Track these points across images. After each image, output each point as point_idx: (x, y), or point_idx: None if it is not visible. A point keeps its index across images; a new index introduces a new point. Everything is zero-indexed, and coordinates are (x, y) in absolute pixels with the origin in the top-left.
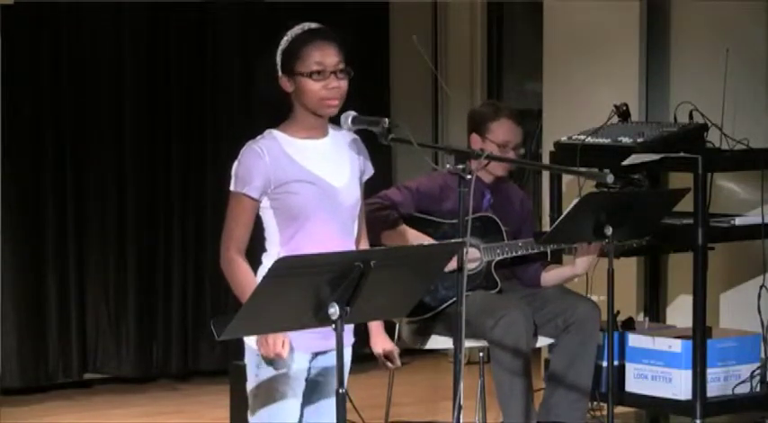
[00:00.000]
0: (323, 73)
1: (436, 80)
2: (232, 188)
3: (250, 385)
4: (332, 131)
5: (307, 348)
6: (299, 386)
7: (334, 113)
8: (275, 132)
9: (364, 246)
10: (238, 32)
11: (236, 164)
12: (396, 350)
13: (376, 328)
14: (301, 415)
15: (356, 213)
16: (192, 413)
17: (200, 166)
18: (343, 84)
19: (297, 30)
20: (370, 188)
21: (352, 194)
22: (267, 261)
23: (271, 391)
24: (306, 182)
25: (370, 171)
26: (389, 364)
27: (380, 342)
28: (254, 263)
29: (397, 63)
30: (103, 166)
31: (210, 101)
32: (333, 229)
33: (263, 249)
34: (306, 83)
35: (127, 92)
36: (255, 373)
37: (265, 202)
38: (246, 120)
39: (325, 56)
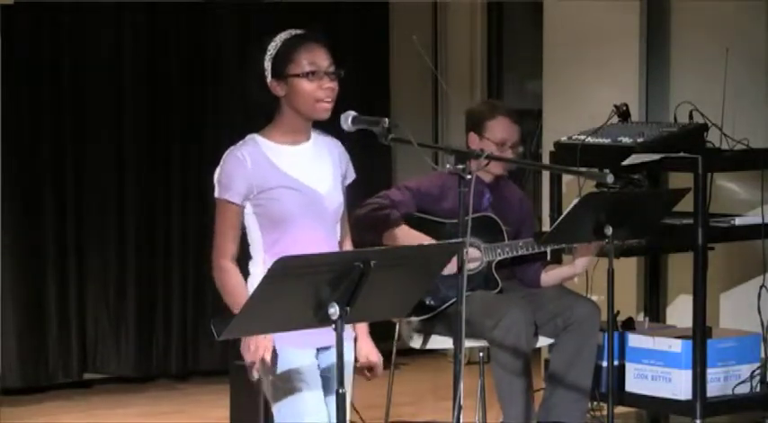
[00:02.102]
0: (317, 73)
1: (436, 80)
2: (216, 195)
3: (266, 387)
4: (314, 135)
5: (309, 344)
6: (315, 379)
7: (327, 117)
8: (257, 137)
9: (348, 247)
10: (238, 32)
11: (218, 170)
12: (380, 363)
13: (362, 333)
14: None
15: (339, 217)
16: (192, 413)
17: (200, 166)
18: (336, 85)
19: (284, 35)
20: (370, 188)
21: (335, 199)
22: (254, 268)
23: (287, 390)
24: (288, 188)
25: (351, 175)
26: (368, 373)
27: (366, 350)
28: (242, 270)
29: (397, 63)
30: (103, 165)
31: (210, 101)
32: (317, 234)
33: (249, 257)
34: (300, 84)
35: (127, 92)
36: (269, 376)
37: (248, 208)
38: (246, 120)
39: (318, 57)
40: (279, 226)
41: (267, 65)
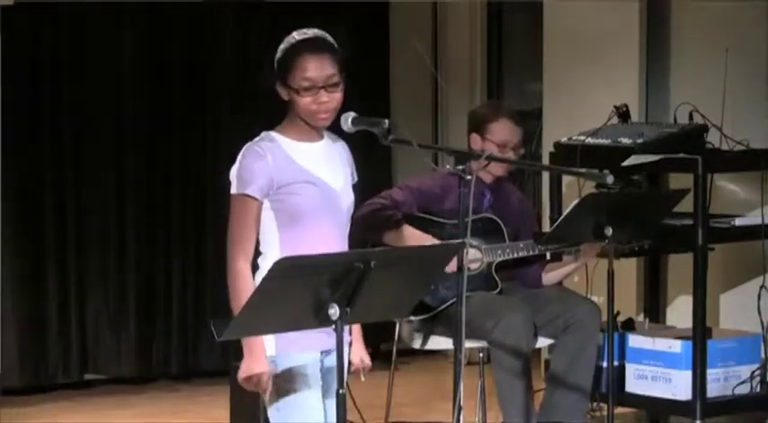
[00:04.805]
0: (311, 89)
1: (436, 81)
2: (234, 191)
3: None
4: (326, 135)
5: (312, 347)
6: (315, 381)
7: (326, 126)
8: (273, 134)
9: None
10: (238, 32)
11: (236, 166)
12: (369, 366)
13: (356, 335)
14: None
15: (350, 216)
16: (192, 414)
17: (200, 165)
18: (335, 96)
19: (291, 38)
20: (370, 189)
21: (348, 197)
22: (265, 264)
23: (286, 391)
24: (308, 183)
25: (355, 177)
26: (354, 375)
27: (359, 352)
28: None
29: (397, 63)
30: (103, 165)
31: (210, 101)
32: (332, 231)
33: (258, 253)
34: (297, 97)
35: (127, 92)
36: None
37: (265, 204)
38: (246, 120)
39: (315, 70)
40: (297, 222)
41: (275, 66)
